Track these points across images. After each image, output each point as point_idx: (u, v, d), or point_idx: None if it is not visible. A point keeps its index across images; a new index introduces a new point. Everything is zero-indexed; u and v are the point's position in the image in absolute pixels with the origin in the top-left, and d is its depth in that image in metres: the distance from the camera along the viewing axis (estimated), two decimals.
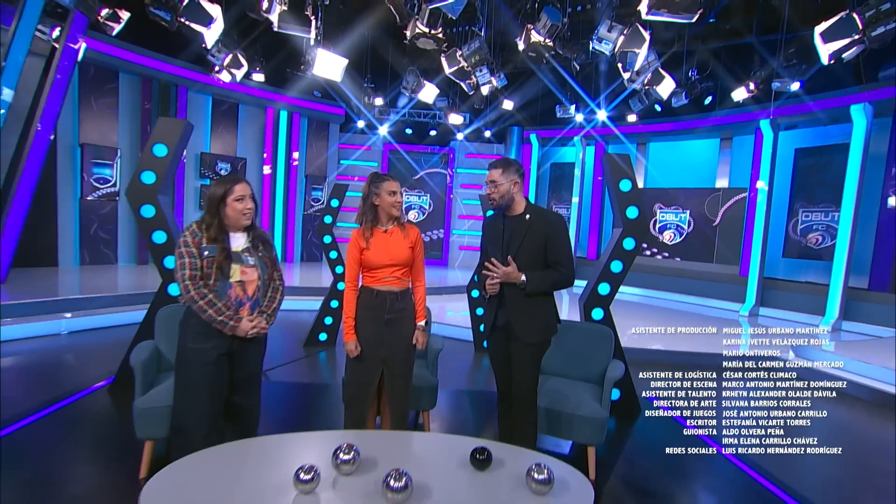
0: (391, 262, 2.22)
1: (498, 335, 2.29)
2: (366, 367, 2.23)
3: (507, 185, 2.21)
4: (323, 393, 3.58)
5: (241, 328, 1.92)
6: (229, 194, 1.93)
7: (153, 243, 3.06)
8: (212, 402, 1.90)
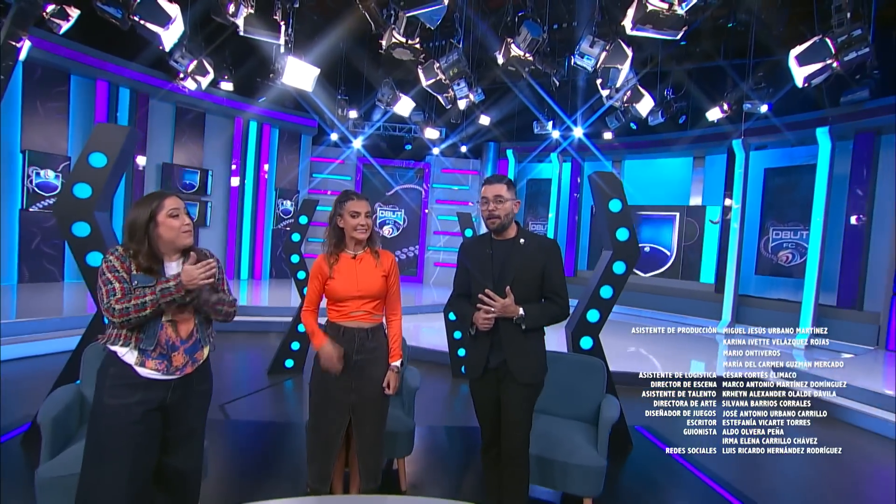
0: (360, 294, 1.92)
1: (489, 378, 2.01)
2: (331, 416, 1.91)
3: (511, 203, 1.98)
4: (287, 433, 3.19)
5: (184, 278, 1.51)
6: (159, 211, 1.59)
7: (88, 266, 2.65)
8: (134, 474, 1.51)
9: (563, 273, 2.02)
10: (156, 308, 1.52)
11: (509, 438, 1.96)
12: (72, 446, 1.88)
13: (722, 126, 8.40)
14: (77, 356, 2.61)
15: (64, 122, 7.69)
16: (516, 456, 1.96)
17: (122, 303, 1.50)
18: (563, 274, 2.03)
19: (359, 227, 1.93)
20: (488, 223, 1.99)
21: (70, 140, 7.75)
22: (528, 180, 11.78)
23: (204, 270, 1.55)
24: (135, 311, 1.50)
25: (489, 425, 2.06)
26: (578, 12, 6.38)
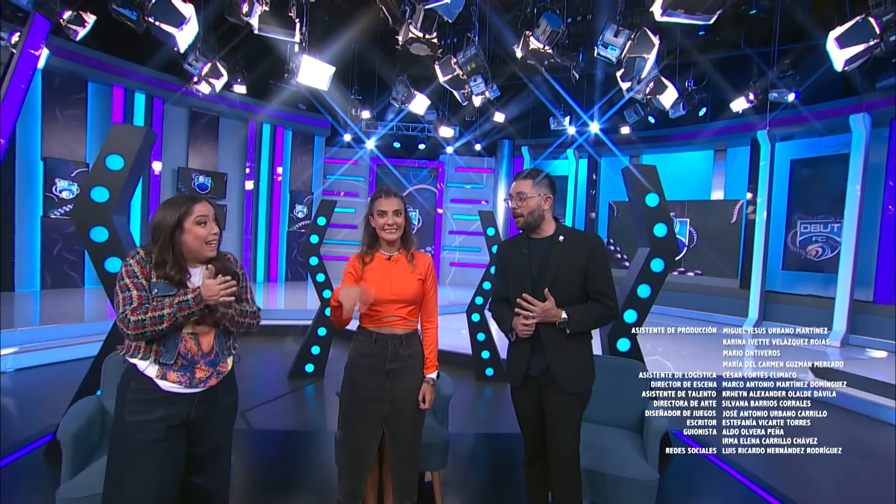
0: (393, 298, 1.79)
1: (530, 386, 1.86)
2: (362, 429, 1.78)
3: (537, 200, 1.84)
4: (312, 442, 3.09)
5: (204, 292, 1.43)
6: (187, 217, 1.48)
7: (106, 272, 2.58)
8: (158, 494, 1.41)
9: (608, 271, 1.85)
10: (173, 322, 1.42)
11: (556, 453, 1.81)
12: (93, 463, 1.79)
13: (746, 117, 8.15)
14: (97, 366, 2.53)
15: (82, 129, 7.74)
16: (564, 472, 1.80)
17: (139, 314, 1.40)
18: (609, 271, 1.87)
19: (386, 226, 1.81)
20: (515, 222, 1.89)
21: (88, 147, 7.80)
22: None
23: (224, 287, 1.45)
24: (151, 325, 1.40)
25: (532, 436, 1.91)
26: (599, 2, 6.20)
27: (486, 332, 4.59)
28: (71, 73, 7.46)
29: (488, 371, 4.62)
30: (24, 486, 2.39)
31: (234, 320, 1.55)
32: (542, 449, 1.88)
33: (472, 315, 4.56)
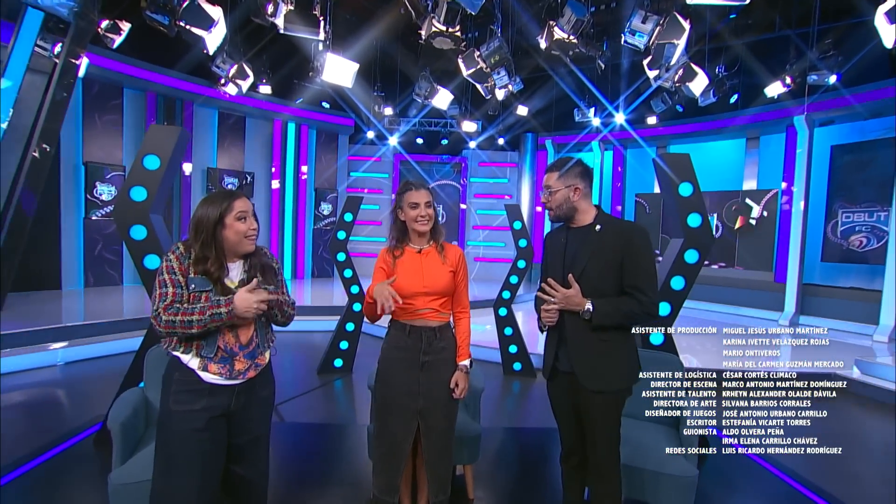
0: (426, 290, 1.80)
1: (561, 380, 1.82)
2: (397, 423, 1.79)
3: (564, 192, 1.79)
4: (342, 437, 3.13)
5: (238, 305, 1.46)
6: (228, 213, 1.52)
7: (145, 269, 2.68)
8: (203, 482, 1.47)
9: (648, 264, 1.72)
10: (203, 329, 1.45)
11: (592, 451, 1.76)
12: (141, 451, 1.87)
13: (781, 103, 7.80)
14: (139, 359, 2.64)
15: (119, 134, 8.05)
16: (602, 471, 1.75)
17: (170, 314, 1.44)
18: (652, 265, 1.74)
19: (419, 218, 1.82)
20: (549, 214, 1.86)
21: (124, 150, 8.11)
22: None
23: (258, 302, 1.49)
24: (181, 327, 1.44)
25: (566, 431, 1.86)
26: None
27: (514, 326, 4.57)
28: (108, 80, 7.75)
29: (516, 365, 4.60)
30: (78, 472, 2.53)
31: (273, 313, 1.60)
32: (577, 444, 1.84)
33: (499, 310, 4.54)
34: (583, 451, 1.84)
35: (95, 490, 2.30)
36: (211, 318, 1.44)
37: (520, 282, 4.49)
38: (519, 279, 4.48)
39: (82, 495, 2.34)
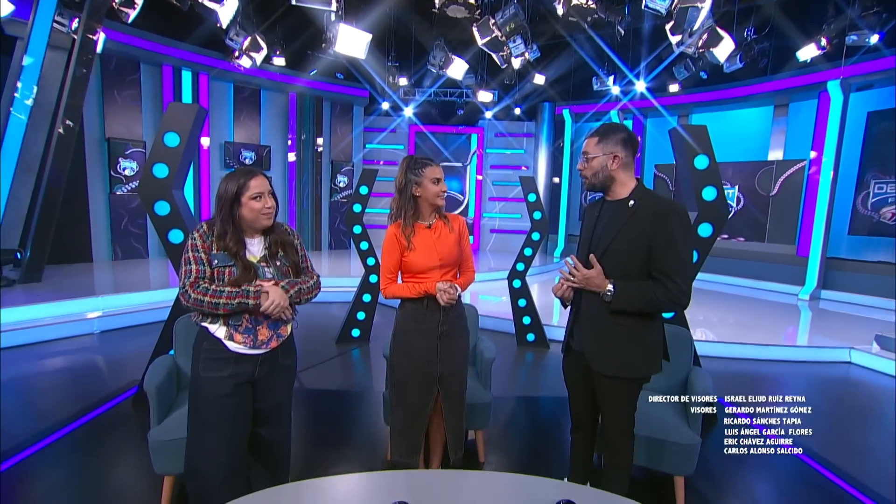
0: (441, 264, 1.86)
1: (575, 357, 1.80)
2: (419, 390, 1.88)
3: (602, 159, 1.66)
4: (360, 403, 3.29)
5: (264, 305, 1.56)
6: (244, 191, 1.59)
7: (170, 243, 2.80)
8: (231, 442, 1.59)
9: (684, 248, 1.57)
10: (228, 313, 1.56)
11: (606, 426, 1.77)
12: (175, 412, 2.02)
13: (814, 67, 7.41)
14: (168, 328, 2.80)
15: (138, 109, 8.16)
16: (615, 446, 1.76)
17: (199, 293, 1.54)
18: (686, 248, 1.59)
19: (441, 193, 1.86)
20: (584, 182, 1.75)
21: (144, 125, 8.24)
22: None
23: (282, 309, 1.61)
24: (207, 307, 1.55)
25: (577, 406, 1.88)
26: None
27: (528, 298, 4.62)
28: (124, 55, 7.81)
29: (529, 336, 4.68)
30: (119, 431, 2.75)
31: (298, 302, 1.71)
32: (586, 418, 1.88)
33: (513, 281, 4.59)
34: (591, 425, 1.88)
35: (136, 446, 2.52)
36: (238, 305, 1.55)
37: (534, 254, 4.52)
38: (533, 251, 4.50)
39: (125, 450, 2.56)
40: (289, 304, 1.64)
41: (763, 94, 8.58)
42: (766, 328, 5.57)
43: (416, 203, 1.88)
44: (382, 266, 1.92)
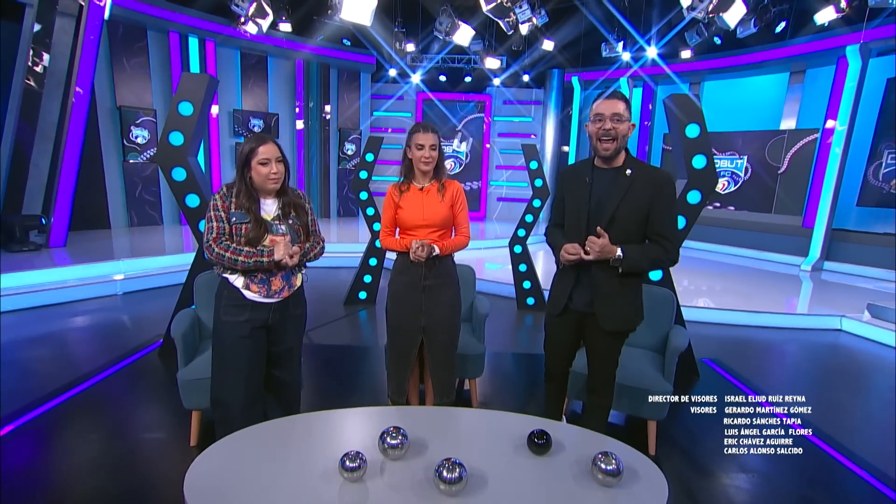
0: (425, 223, 2.03)
1: (569, 317, 1.90)
2: (404, 337, 2.11)
3: (627, 125, 1.70)
4: (365, 356, 3.55)
5: (277, 255, 1.76)
6: (253, 156, 1.75)
7: (187, 207, 2.98)
8: (249, 377, 1.82)
9: (673, 211, 1.76)
10: (245, 269, 1.75)
11: (595, 375, 1.95)
12: (198, 357, 2.26)
13: (832, 31, 7.17)
14: (189, 284, 3.02)
15: (147, 77, 8.22)
16: (601, 391, 1.95)
17: (221, 248, 1.74)
18: (675, 212, 1.78)
19: (423, 159, 2.00)
20: (602, 147, 1.71)
21: (153, 93, 8.32)
22: None
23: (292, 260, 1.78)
24: (228, 262, 1.75)
25: (554, 360, 2.04)
26: None
27: (528, 263, 4.79)
28: (131, 22, 7.82)
29: (529, 300, 4.88)
30: (148, 377, 3.05)
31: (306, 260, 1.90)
32: (560, 371, 2.06)
33: (514, 247, 4.75)
34: (564, 376, 2.07)
35: (166, 390, 2.82)
36: (254, 263, 1.75)
37: (535, 220, 4.65)
38: (534, 218, 4.63)
39: (157, 393, 2.86)
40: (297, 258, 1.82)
41: (778, 61, 8.35)
42: (763, 297, 5.69)
43: (410, 165, 2.05)
44: (381, 220, 2.13)
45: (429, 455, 1.51)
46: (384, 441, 1.49)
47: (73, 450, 2.23)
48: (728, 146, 9.20)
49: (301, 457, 1.52)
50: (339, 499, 1.34)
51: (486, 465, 1.47)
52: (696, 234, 8.96)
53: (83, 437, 2.33)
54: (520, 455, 1.54)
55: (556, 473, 1.47)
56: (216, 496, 1.33)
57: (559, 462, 1.52)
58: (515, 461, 1.52)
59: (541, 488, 1.42)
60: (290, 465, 1.47)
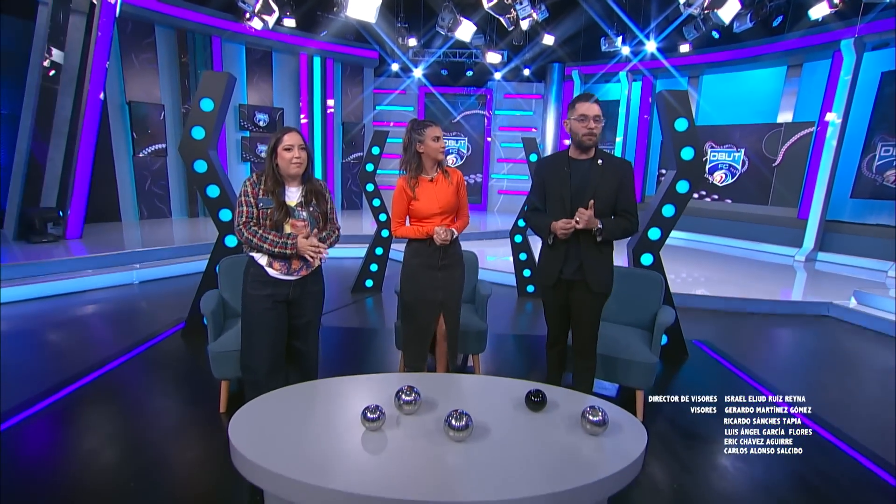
0: (441, 210, 2.25)
1: (560, 286, 2.22)
2: (425, 310, 2.33)
3: (602, 124, 2.11)
4: (374, 337, 3.77)
5: (299, 246, 1.97)
6: (279, 144, 1.96)
7: (208, 197, 3.18)
8: (273, 344, 2.04)
9: (634, 191, 2.18)
10: (269, 254, 1.97)
11: (580, 338, 2.25)
12: (225, 333, 2.47)
13: (827, 25, 7.31)
14: (210, 269, 3.24)
15: (155, 73, 8.39)
16: (586, 353, 2.27)
17: (250, 233, 1.96)
18: (634, 192, 2.19)
19: (441, 149, 2.23)
20: (585, 139, 2.07)
21: (161, 88, 8.49)
22: None
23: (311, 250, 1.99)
24: (255, 245, 1.96)
25: (555, 326, 2.35)
26: None
27: (528, 252, 4.99)
28: (139, 18, 7.97)
29: (529, 288, 5.08)
30: (175, 355, 3.27)
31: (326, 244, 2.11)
32: (560, 337, 2.35)
33: (514, 236, 4.94)
34: (564, 342, 2.35)
35: (191, 365, 3.08)
36: (278, 251, 1.97)
37: None
38: (529, 197, 4.82)
39: (183, 367, 3.11)
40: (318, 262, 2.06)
41: (775, 55, 8.48)
42: (756, 285, 5.89)
43: (419, 159, 2.25)
44: (392, 212, 2.33)
45: (439, 411, 1.72)
46: (399, 398, 1.70)
47: (113, 418, 2.45)
48: (726, 139, 9.35)
49: (326, 412, 1.73)
50: (363, 445, 1.55)
51: (489, 419, 1.68)
52: (694, 225, 9.26)
53: (120, 409, 2.55)
54: (519, 411, 1.76)
55: (550, 425, 1.68)
56: (257, 437, 1.54)
57: (553, 417, 1.73)
58: (515, 416, 1.74)
59: (537, 437, 1.63)
60: (317, 418, 1.69)
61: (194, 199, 9.08)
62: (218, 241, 3.30)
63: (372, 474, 1.42)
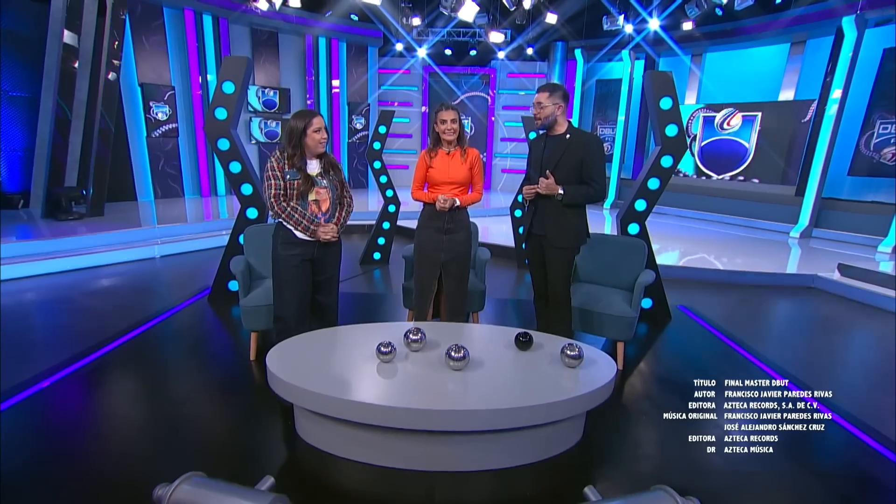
0: (450, 180, 2.59)
1: (533, 241, 2.61)
2: (428, 269, 2.66)
3: (551, 108, 2.44)
4: (383, 300, 4.13)
5: (318, 232, 2.31)
6: (309, 127, 2.24)
7: (231, 172, 3.47)
8: (300, 297, 2.36)
9: (601, 163, 2.48)
10: (295, 227, 2.29)
11: (553, 289, 2.59)
12: (253, 291, 2.79)
13: (830, 2, 7.32)
14: (234, 238, 3.56)
15: (164, 55, 8.57)
16: (559, 305, 2.60)
17: (279, 208, 2.27)
18: (602, 163, 2.49)
19: (446, 131, 2.56)
20: (532, 125, 2.44)
21: (171, 70, 8.69)
22: (597, 81, 11.22)
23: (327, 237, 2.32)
24: (284, 218, 2.27)
25: (537, 279, 2.71)
26: None
27: None
28: (148, 1, 8.12)
29: (527, 260, 5.36)
30: (204, 316, 3.62)
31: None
32: (543, 289, 2.68)
33: (514, 211, 5.21)
34: (547, 295, 2.64)
35: (220, 324, 3.44)
36: (304, 228, 2.28)
37: None
38: None
39: (213, 326, 3.47)
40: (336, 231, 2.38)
41: (778, 31, 8.48)
42: (747, 260, 6.13)
43: (437, 137, 2.60)
44: (414, 178, 2.68)
45: (441, 350, 2.04)
46: (408, 338, 2.02)
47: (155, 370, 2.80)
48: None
49: (346, 348, 2.06)
50: (378, 372, 1.88)
51: (483, 356, 2.00)
52: (689, 202, 9.42)
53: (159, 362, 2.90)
54: (509, 349, 2.08)
55: (535, 360, 2.00)
56: (289, 365, 1.87)
57: (538, 354, 2.05)
58: (506, 353, 2.06)
59: (523, 368, 1.95)
60: (338, 353, 2.02)
61: (206, 179, 9.38)
62: (240, 213, 3.60)
63: (384, 390, 1.75)
